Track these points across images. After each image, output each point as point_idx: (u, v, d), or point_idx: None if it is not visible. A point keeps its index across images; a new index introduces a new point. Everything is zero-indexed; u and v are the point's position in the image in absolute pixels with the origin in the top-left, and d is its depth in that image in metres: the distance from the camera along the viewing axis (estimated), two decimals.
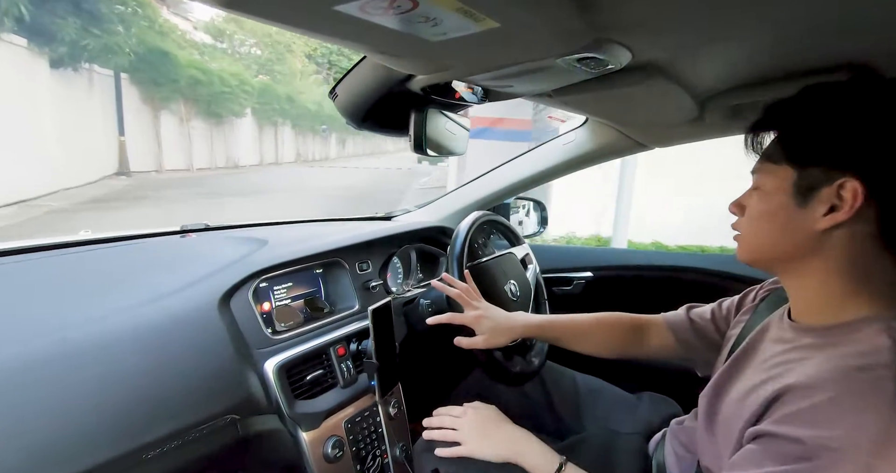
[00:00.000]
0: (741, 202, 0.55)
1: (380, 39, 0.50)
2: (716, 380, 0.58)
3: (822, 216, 0.45)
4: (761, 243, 0.52)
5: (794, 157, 0.47)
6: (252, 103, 13.39)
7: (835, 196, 0.44)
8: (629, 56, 0.57)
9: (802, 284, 0.51)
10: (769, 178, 0.50)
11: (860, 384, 0.39)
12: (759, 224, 0.51)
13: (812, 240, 0.47)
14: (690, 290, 1.23)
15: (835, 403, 0.39)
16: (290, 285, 0.90)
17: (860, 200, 0.43)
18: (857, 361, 0.41)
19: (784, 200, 0.48)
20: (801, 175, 0.47)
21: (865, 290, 0.46)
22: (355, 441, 0.83)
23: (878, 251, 0.45)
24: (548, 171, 1.21)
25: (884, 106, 0.44)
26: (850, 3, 0.45)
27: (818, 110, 0.47)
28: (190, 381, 0.65)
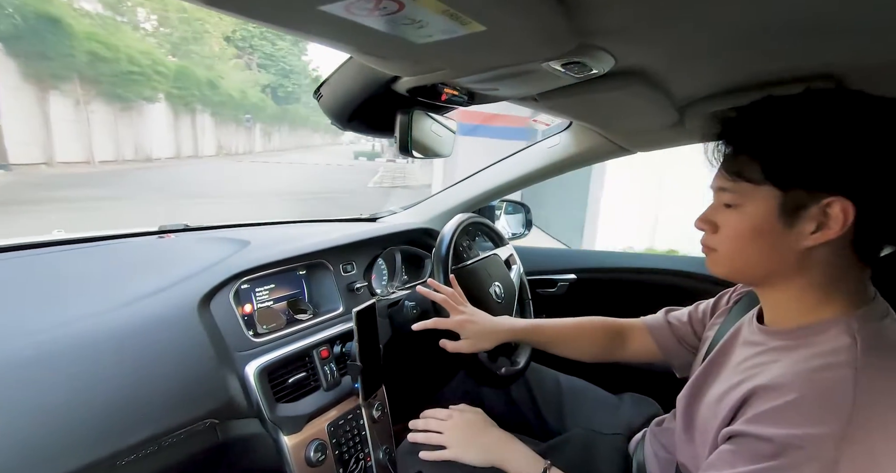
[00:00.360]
0: (710, 219, 0.53)
1: (365, 40, 0.50)
2: (692, 383, 0.59)
3: (810, 235, 0.45)
4: (743, 262, 0.51)
5: (777, 179, 0.46)
6: (168, 87, 11.73)
7: (822, 215, 0.44)
8: (612, 62, 0.58)
9: (779, 294, 0.51)
10: (748, 199, 0.48)
11: (823, 384, 0.41)
12: (741, 244, 0.50)
13: (795, 257, 0.47)
14: (672, 292, 1.25)
15: (800, 403, 0.41)
16: (273, 286, 0.89)
17: (851, 217, 0.43)
18: (821, 361, 0.43)
19: (770, 221, 0.47)
20: (785, 196, 0.46)
21: (833, 296, 0.48)
22: (338, 445, 0.83)
23: (850, 261, 0.46)
24: (533, 174, 1.22)
25: (862, 120, 0.43)
26: (823, 17, 0.46)
27: (798, 130, 0.45)
28: (168, 385, 0.63)
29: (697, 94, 0.77)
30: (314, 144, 27.53)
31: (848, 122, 0.44)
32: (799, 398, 0.41)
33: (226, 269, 0.80)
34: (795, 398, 0.41)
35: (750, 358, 0.51)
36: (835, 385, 0.40)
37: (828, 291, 0.48)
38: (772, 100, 0.48)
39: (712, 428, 0.49)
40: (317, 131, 34.59)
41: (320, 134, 35.94)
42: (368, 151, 28.66)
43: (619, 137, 1.07)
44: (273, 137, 23.74)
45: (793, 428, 0.40)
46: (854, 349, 0.42)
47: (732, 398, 0.47)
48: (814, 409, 0.40)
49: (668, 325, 0.79)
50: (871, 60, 0.57)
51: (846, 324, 0.45)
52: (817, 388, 0.41)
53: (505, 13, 0.42)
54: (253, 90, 20.13)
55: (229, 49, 20.22)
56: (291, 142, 26.68)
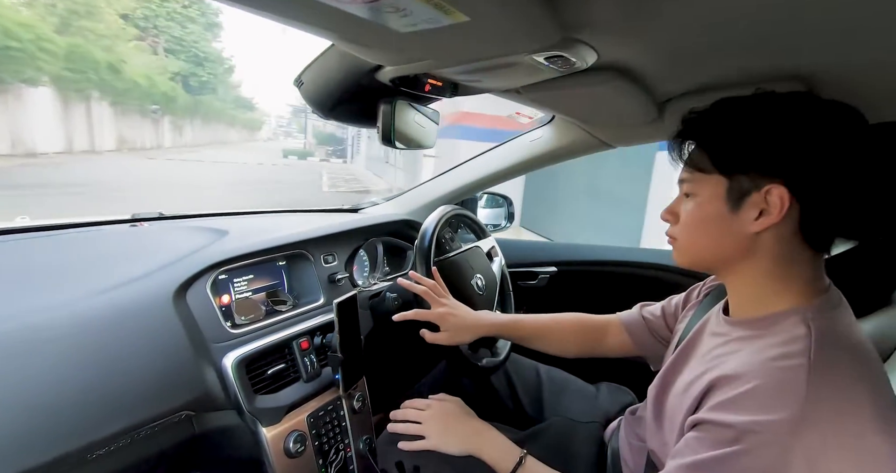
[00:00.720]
0: (674, 210, 0.57)
1: (348, 28, 0.49)
2: (663, 373, 0.61)
3: (754, 220, 0.49)
4: (699, 248, 0.55)
5: (722, 166, 0.50)
6: (57, 69, 9.80)
7: (763, 201, 0.48)
8: (595, 56, 0.59)
9: (737, 282, 0.54)
10: (701, 187, 0.52)
11: (779, 372, 0.43)
12: (696, 231, 0.54)
13: (745, 242, 0.50)
14: (651, 284, 1.28)
15: (758, 391, 0.43)
16: (252, 277, 0.88)
17: (787, 204, 0.46)
18: (778, 351, 0.45)
19: (718, 206, 0.51)
20: (731, 183, 0.50)
21: (789, 285, 0.50)
22: (318, 436, 0.82)
23: (799, 248, 0.49)
24: (515, 166, 1.23)
25: (802, 116, 0.47)
26: (796, 20, 0.48)
27: (740, 122, 0.49)
28: (142, 376, 0.62)
29: (676, 91, 0.78)
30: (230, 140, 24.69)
31: (788, 116, 0.48)
32: (757, 387, 0.43)
33: (203, 259, 0.78)
34: (754, 386, 0.43)
35: (715, 348, 0.54)
36: (790, 375, 0.43)
37: (781, 279, 0.50)
38: (725, 100, 0.52)
39: (679, 417, 0.51)
40: (233, 126, 31.08)
41: (237, 129, 32.66)
42: (299, 150, 25.79)
43: (599, 132, 1.08)
44: (185, 131, 20.44)
45: (751, 415, 0.42)
46: (808, 338, 0.45)
47: (697, 387, 0.49)
48: (770, 397, 0.42)
49: (642, 320, 0.81)
50: (839, 62, 0.59)
51: (802, 314, 0.48)
52: (774, 377, 0.43)
53: (489, 4, 0.42)
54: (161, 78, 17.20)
55: (128, 28, 17.02)
56: (205, 137, 23.55)
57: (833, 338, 0.46)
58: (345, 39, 0.56)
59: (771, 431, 0.41)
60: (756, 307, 0.52)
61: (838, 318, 0.49)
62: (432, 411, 0.76)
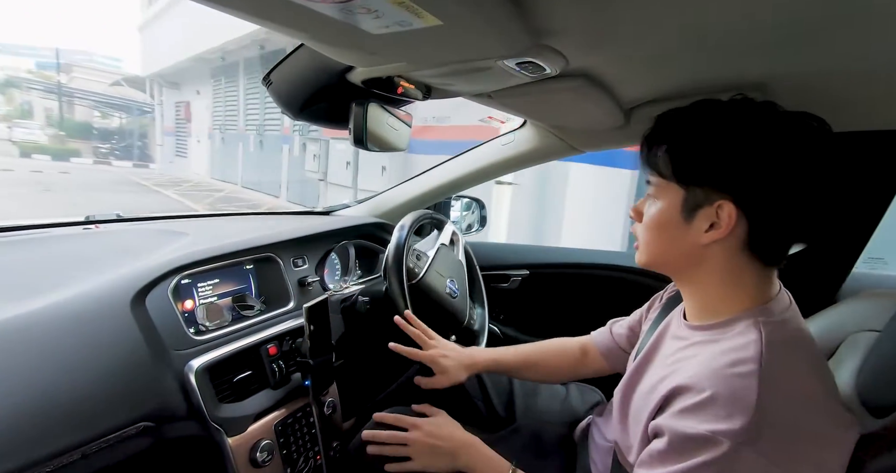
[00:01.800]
0: (639, 209, 0.58)
1: (318, 28, 0.48)
2: (628, 375, 0.63)
3: (705, 232, 0.50)
4: (656, 251, 0.56)
5: (681, 177, 0.51)
6: None
7: (714, 215, 0.49)
8: (564, 63, 0.60)
9: (691, 289, 0.57)
10: (663, 193, 0.53)
11: (731, 380, 0.45)
12: (653, 234, 0.55)
13: (696, 252, 0.52)
14: (622, 287, 1.31)
15: (712, 400, 0.44)
16: (217, 281, 0.84)
17: (734, 220, 0.48)
18: (730, 357, 0.47)
19: (674, 214, 0.52)
20: (687, 194, 0.51)
21: (739, 292, 0.52)
22: (286, 444, 0.80)
23: (747, 259, 0.51)
24: (487, 169, 1.24)
25: (755, 134, 0.48)
26: (754, 30, 0.50)
27: (703, 134, 0.50)
28: (94, 387, 0.59)
29: (642, 97, 0.81)
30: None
31: (747, 133, 0.48)
32: (712, 396, 0.45)
33: (163, 263, 0.75)
34: (709, 395, 0.45)
35: (676, 352, 0.56)
36: (742, 383, 0.44)
37: (731, 287, 0.52)
38: (703, 102, 0.52)
39: (643, 418, 0.53)
40: None
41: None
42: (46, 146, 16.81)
43: (569, 137, 1.10)
44: None
45: (709, 424, 0.44)
46: (759, 343, 0.47)
47: (660, 391, 0.51)
48: (725, 406, 0.44)
49: (613, 340, 0.83)
50: (796, 71, 0.62)
51: (753, 318, 0.50)
52: (727, 386, 0.45)
53: (461, 9, 0.42)
54: None
55: None
56: None
57: (782, 340, 0.48)
58: (316, 39, 0.56)
59: (724, 438, 0.42)
60: (709, 312, 0.54)
61: (787, 320, 0.51)
62: (419, 433, 0.72)
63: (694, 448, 0.44)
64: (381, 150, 0.88)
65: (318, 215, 1.33)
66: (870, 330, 0.65)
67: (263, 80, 0.78)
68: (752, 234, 0.49)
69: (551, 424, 0.87)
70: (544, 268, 1.39)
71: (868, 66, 0.58)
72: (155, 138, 16.17)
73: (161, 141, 15.58)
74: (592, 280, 1.34)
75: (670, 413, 0.48)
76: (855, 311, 0.71)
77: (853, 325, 0.68)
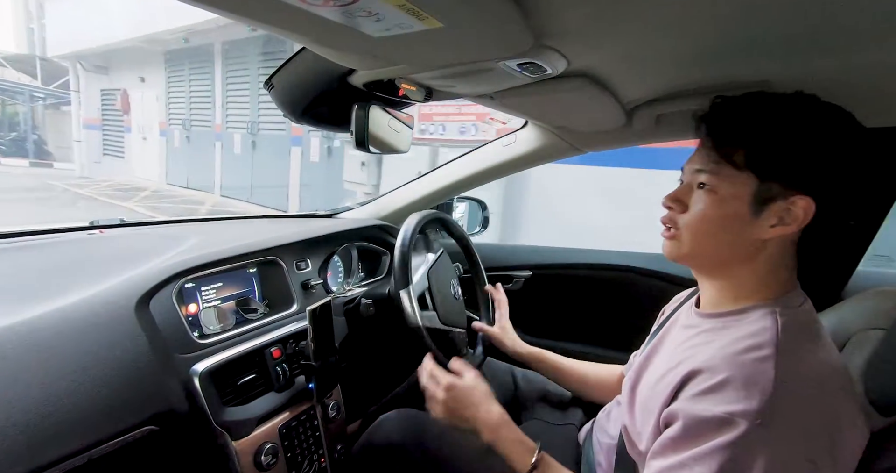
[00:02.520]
0: (681, 199, 0.54)
1: (320, 31, 0.48)
2: (637, 366, 0.63)
3: (770, 227, 0.49)
4: (704, 245, 0.53)
5: (758, 168, 0.49)
6: None
7: (785, 210, 0.48)
8: (565, 63, 0.60)
9: (722, 280, 0.55)
10: (727, 183, 0.50)
11: (747, 364, 0.45)
12: (707, 225, 0.52)
13: (753, 246, 0.51)
14: (626, 288, 1.30)
15: (729, 382, 0.45)
16: (221, 285, 0.85)
17: (810, 217, 0.48)
18: (746, 343, 0.47)
19: (740, 206, 0.50)
20: (760, 187, 0.49)
21: (770, 283, 0.52)
22: (290, 447, 0.80)
23: (791, 255, 0.52)
24: (489, 170, 1.23)
25: (839, 133, 0.48)
26: (758, 30, 0.50)
27: (786, 128, 0.49)
28: (100, 392, 0.59)
29: (644, 97, 0.81)
30: None
31: (827, 132, 0.48)
32: (728, 379, 0.45)
33: (167, 267, 0.75)
34: (724, 378, 0.45)
35: (687, 340, 0.56)
36: (759, 366, 0.45)
37: (765, 279, 0.52)
38: (763, 95, 0.51)
39: (654, 406, 0.52)
40: None
41: None
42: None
43: (571, 137, 1.10)
44: None
45: (725, 406, 0.44)
46: (775, 329, 0.47)
47: (673, 377, 0.51)
48: (739, 388, 0.44)
49: None
50: (798, 71, 0.62)
51: (770, 308, 0.50)
52: (744, 369, 0.45)
53: (463, 11, 0.42)
54: None
55: None
56: None
57: (797, 329, 0.48)
58: (318, 43, 0.56)
59: (741, 420, 0.42)
60: (731, 302, 0.54)
61: (802, 312, 0.51)
62: (447, 395, 0.70)
63: (709, 430, 0.44)
64: (383, 152, 0.89)
65: (321, 218, 1.33)
66: (876, 328, 0.65)
67: (266, 84, 0.78)
68: (811, 228, 0.49)
69: (556, 426, 0.87)
70: (548, 269, 1.39)
71: (870, 64, 0.58)
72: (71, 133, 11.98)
73: (80, 136, 11.65)
74: (597, 281, 1.34)
75: (685, 398, 0.48)
76: (861, 309, 0.71)
77: (859, 323, 0.68)
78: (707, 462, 0.43)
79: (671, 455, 0.47)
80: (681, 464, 0.45)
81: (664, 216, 0.57)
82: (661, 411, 0.51)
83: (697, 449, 0.44)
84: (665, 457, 0.47)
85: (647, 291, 0.91)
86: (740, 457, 0.42)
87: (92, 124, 11.55)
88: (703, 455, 0.44)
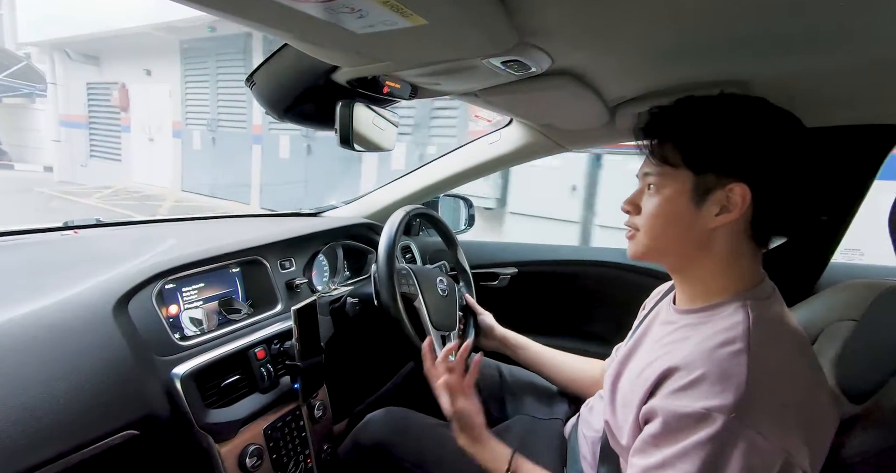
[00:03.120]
0: (635, 202, 0.59)
1: (303, 27, 0.48)
2: (619, 361, 0.64)
3: (715, 216, 0.52)
4: (661, 239, 0.57)
5: (693, 163, 0.52)
6: None
7: (725, 199, 0.51)
8: (549, 61, 0.60)
9: (688, 276, 0.58)
10: (668, 181, 0.54)
11: (722, 360, 0.47)
12: (660, 221, 0.56)
13: (704, 236, 0.54)
14: (611, 284, 1.32)
15: (705, 378, 0.46)
16: (203, 285, 0.83)
17: (748, 202, 0.50)
18: (720, 338, 0.49)
19: (684, 201, 0.53)
20: (698, 180, 0.52)
21: (734, 275, 0.54)
22: (276, 448, 0.79)
23: (746, 243, 0.54)
24: (475, 168, 1.24)
25: (765, 122, 0.51)
26: (734, 31, 0.51)
27: (712, 122, 0.52)
28: (77, 396, 0.57)
29: (627, 95, 0.82)
30: None
31: (752, 121, 0.51)
32: (704, 375, 0.46)
33: (146, 268, 0.73)
34: (701, 374, 0.47)
35: (666, 336, 0.57)
36: (732, 361, 0.46)
37: (727, 271, 0.54)
38: (692, 99, 0.55)
39: (634, 401, 0.54)
40: None
41: None
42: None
43: (556, 135, 1.11)
44: None
45: (702, 401, 0.45)
46: (747, 322, 0.49)
47: (652, 373, 0.52)
48: (718, 382, 0.45)
49: None
50: (770, 71, 0.64)
51: (741, 302, 0.52)
52: (718, 365, 0.46)
53: (447, 8, 0.42)
54: None
55: None
56: None
57: (768, 322, 0.50)
58: (300, 39, 0.55)
59: (723, 413, 0.44)
60: (703, 297, 0.56)
61: (772, 305, 0.53)
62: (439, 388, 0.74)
63: (689, 426, 0.45)
64: (368, 150, 0.88)
65: (306, 217, 1.32)
66: (848, 320, 0.67)
67: (246, 81, 0.77)
68: (756, 215, 0.51)
69: (542, 420, 0.88)
70: (533, 265, 1.40)
71: (843, 65, 0.60)
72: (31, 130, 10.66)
73: (59, 135, 10.08)
74: (581, 277, 1.35)
75: (663, 394, 0.49)
76: (833, 301, 0.73)
77: (832, 315, 0.70)
78: (690, 458, 0.45)
79: (653, 452, 0.48)
80: (663, 463, 0.46)
81: (626, 221, 0.61)
82: (640, 406, 0.52)
83: (679, 446, 0.45)
84: (647, 456, 0.49)
85: (630, 286, 0.93)
86: (720, 451, 0.44)
87: (74, 122, 10.02)
88: (685, 452, 0.45)
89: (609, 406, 0.62)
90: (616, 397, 0.60)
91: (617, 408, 0.59)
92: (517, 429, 0.84)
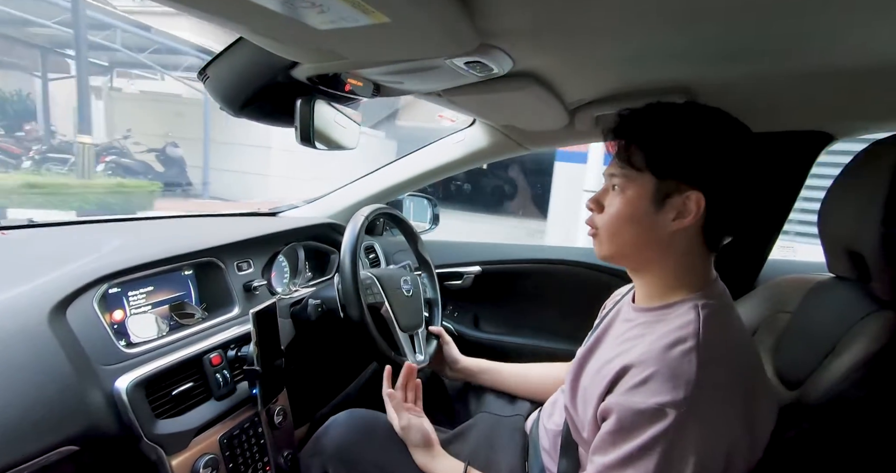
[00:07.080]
0: (599, 200, 0.60)
1: (260, 21, 0.46)
2: (580, 355, 0.66)
3: (672, 221, 0.54)
4: (622, 241, 0.59)
5: (656, 168, 0.54)
6: None
7: (682, 205, 0.54)
8: (511, 63, 0.61)
9: (647, 276, 0.61)
10: (631, 183, 0.56)
11: (674, 358, 0.50)
12: (621, 221, 0.57)
13: (662, 239, 0.56)
14: (574, 283, 1.35)
15: (658, 375, 0.49)
16: (151, 289, 0.79)
17: (702, 209, 0.53)
18: (672, 337, 0.52)
19: (644, 204, 0.55)
20: (659, 184, 0.54)
21: (689, 276, 0.58)
22: (233, 457, 0.76)
23: (699, 247, 0.57)
24: (439, 168, 1.24)
25: (724, 133, 0.54)
26: (680, 47, 0.55)
27: (678, 131, 0.55)
28: (8, 411, 0.52)
29: (585, 98, 0.85)
30: None
31: (712, 132, 0.54)
32: (655, 373, 0.49)
33: (87, 271, 0.68)
34: (652, 372, 0.49)
35: (625, 333, 0.60)
36: (683, 359, 0.49)
37: (682, 272, 0.58)
38: (660, 105, 0.57)
39: (593, 396, 0.56)
40: None
41: None
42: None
43: (517, 135, 1.13)
44: None
45: (653, 397, 0.48)
46: (697, 322, 0.52)
47: (610, 369, 0.54)
48: (666, 380, 0.48)
49: None
50: (715, 79, 0.68)
51: (693, 302, 0.55)
52: (670, 362, 0.49)
53: (409, 7, 0.42)
54: None
55: None
56: None
57: (716, 320, 0.53)
58: (256, 33, 0.53)
59: (674, 408, 0.46)
60: (659, 297, 0.59)
61: (722, 303, 0.57)
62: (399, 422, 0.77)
63: (643, 422, 0.48)
64: (329, 148, 0.86)
65: (264, 216, 1.27)
66: (784, 312, 0.73)
67: (199, 74, 0.73)
68: (708, 221, 0.54)
69: (505, 417, 0.89)
70: (497, 265, 1.42)
71: (782, 72, 0.65)
72: None
73: None
74: (545, 275, 1.38)
75: (619, 392, 0.51)
76: (770, 295, 0.79)
77: (770, 308, 0.76)
78: (647, 453, 0.47)
79: (611, 450, 0.50)
80: (621, 460, 0.49)
81: (587, 219, 0.62)
82: (598, 402, 0.54)
83: (635, 443, 0.48)
84: (606, 453, 0.51)
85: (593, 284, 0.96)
86: (675, 444, 0.46)
87: None
88: (642, 448, 0.47)
89: (570, 401, 0.64)
90: (577, 393, 0.62)
91: (578, 403, 0.61)
92: (481, 426, 0.85)
